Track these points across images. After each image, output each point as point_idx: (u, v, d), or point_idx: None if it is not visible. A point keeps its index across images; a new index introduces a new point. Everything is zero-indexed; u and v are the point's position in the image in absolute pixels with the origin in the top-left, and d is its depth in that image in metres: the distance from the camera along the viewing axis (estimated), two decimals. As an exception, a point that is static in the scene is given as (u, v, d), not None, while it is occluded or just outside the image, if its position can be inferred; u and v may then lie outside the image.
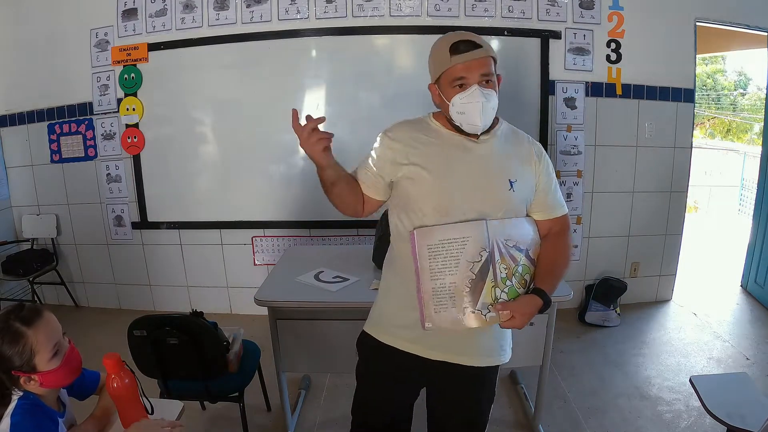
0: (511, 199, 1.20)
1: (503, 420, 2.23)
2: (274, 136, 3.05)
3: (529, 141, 1.30)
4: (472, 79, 1.14)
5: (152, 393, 1.42)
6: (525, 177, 1.23)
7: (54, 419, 1.09)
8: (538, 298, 1.17)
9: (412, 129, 1.26)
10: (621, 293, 3.15)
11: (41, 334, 1.04)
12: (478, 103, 1.14)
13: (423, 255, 1.15)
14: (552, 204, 1.28)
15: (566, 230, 1.30)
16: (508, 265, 1.17)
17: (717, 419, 1.51)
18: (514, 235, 1.20)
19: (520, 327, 1.16)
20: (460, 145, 1.22)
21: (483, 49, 1.15)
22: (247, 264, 3.26)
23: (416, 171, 1.21)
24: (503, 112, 1.27)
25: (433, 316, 1.16)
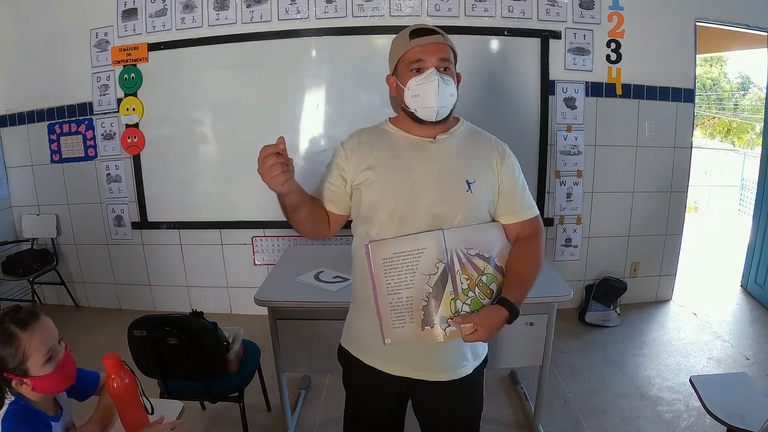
0: (469, 201, 1.16)
1: (503, 420, 2.23)
2: (274, 136, 3.00)
3: (492, 141, 1.25)
4: (430, 62, 1.12)
5: (152, 393, 1.42)
6: (485, 178, 1.18)
7: (47, 423, 1.08)
8: (502, 309, 1.11)
9: (367, 135, 1.25)
10: (621, 293, 3.15)
11: (35, 338, 1.02)
12: (433, 82, 1.10)
13: (378, 270, 1.11)
14: (520, 206, 1.23)
15: (537, 234, 1.25)
16: (470, 275, 1.12)
17: (717, 419, 1.51)
18: (477, 243, 1.14)
19: (484, 340, 1.11)
20: (416, 146, 1.19)
21: (442, 36, 1.14)
22: (247, 264, 3.26)
23: (370, 176, 1.18)
24: (503, 112, 1.28)
25: (393, 332, 1.12)
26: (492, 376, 2.53)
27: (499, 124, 3.00)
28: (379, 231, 1.17)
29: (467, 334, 1.10)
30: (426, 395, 1.29)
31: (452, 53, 1.17)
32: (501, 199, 1.21)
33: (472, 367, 1.26)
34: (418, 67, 1.13)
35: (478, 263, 1.13)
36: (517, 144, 3.33)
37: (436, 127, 1.18)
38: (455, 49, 1.18)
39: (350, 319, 1.34)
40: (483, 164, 1.20)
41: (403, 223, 1.15)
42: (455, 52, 1.18)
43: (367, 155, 1.20)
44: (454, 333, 1.11)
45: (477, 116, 3.08)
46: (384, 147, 1.20)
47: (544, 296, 1.86)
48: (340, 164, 1.23)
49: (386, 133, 1.24)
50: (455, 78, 1.16)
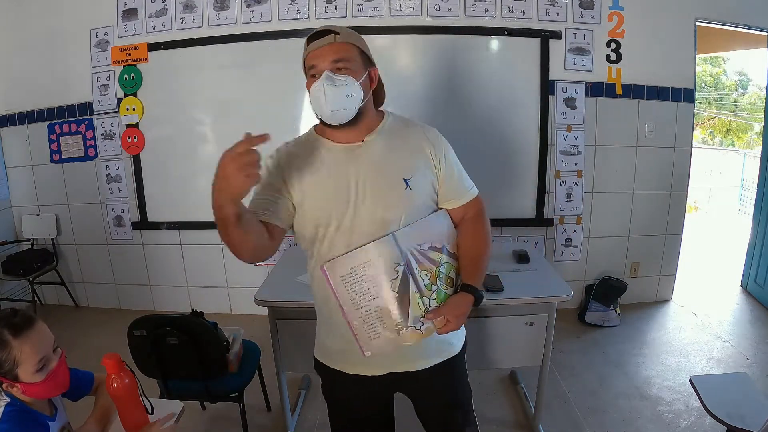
0: (410, 198, 1.14)
1: (503, 420, 2.23)
2: (274, 136, 3.03)
3: (421, 129, 1.22)
4: (322, 66, 1.09)
5: (152, 393, 1.42)
6: (421, 170, 1.17)
7: (44, 424, 1.08)
8: (467, 294, 1.15)
9: (296, 147, 1.21)
10: (621, 293, 3.15)
11: (27, 346, 1.01)
12: (324, 88, 1.07)
13: (340, 288, 1.10)
14: (460, 190, 1.23)
15: (481, 214, 1.26)
16: (429, 269, 1.13)
17: (717, 419, 1.51)
18: (427, 236, 1.15)
19: (457, 329, 1.14)
20: (346, 154, 1.15)
21: (337, 35, 1.09)
22: (247, 264, 3.25)
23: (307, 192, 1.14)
24: (503, 112, 1.27)
25: (370, 344, 1.13)
26: (492, 376, 2.53)
27: (499, 124, 3.02)
28: (330, 246, 1.14)
29: (440, 327, 1.12)
30: (416, 385, 1.28)
31: (355, 50, 1.11)
32: (442, 186, 1.21)
33: (456, 349, 1.28)
34: (313, 73, 1.11)
35: (433, 256, 1.15)
36: (517, 144, 3.36)
37: (356, 128, 1.14)
38: (361, 44, 1.13)
39: (320, 335, 1.31)
40: (417, 156, 1.18)
41: (352, 234, 1.13)
42: (362, 48, 1.13)
43: (299, 171, 1.16)
44: (428, 329, 1.14)
45: (476, 116, 3.09)
46: (314, 161, 1.16)
47: (544, 296, 1.87)
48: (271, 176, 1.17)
49: (314, 144, 1.19)
50: (358, 76, 1.10)
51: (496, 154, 2.99)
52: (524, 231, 3.14)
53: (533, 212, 3.11)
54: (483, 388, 2.42)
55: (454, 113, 2.94)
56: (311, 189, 1.15)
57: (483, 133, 2.96)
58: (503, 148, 3.00)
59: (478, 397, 2.33)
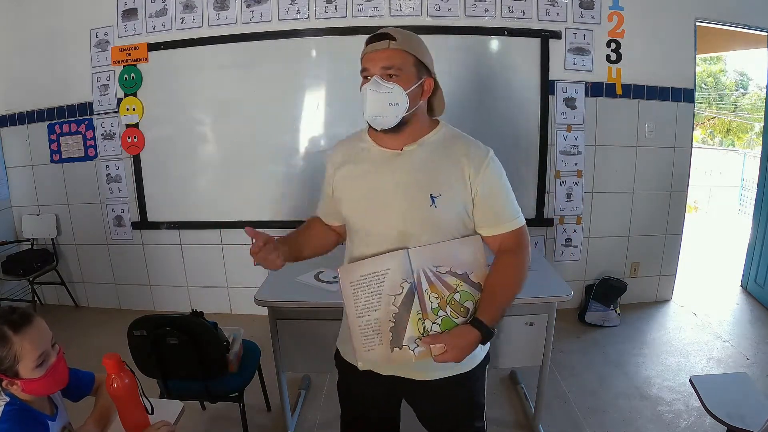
0: (434, 216, 1.11)
1: (503, 420, 2.23)
2: (274, 136, 3.05)
3: (468, 149, 1.16)
4: (373, 70, 1.08)
5: (152, 393, 1.42)
6: (453, 190, 1.12)
7: (44, 423, 1.08)
8: (474, 329, 1.07)
9: (345, 146, 1.25)
10: (621, 293, 3.15)
11: (27, 341, 1.01)
12: (367, 93, 1.08)
13: (347, 293, 1.10)
14: (499, 217, 1.16)
15: (520, 248, 1.17)
16: (440, 293, 1.09)
17: (717, 419, 1.51)
18: (447, 260, 1.10)
19: (456, 361, 1.08)
20: (384, 160, 1.15)
21: (393, 41, 1.07)
22: (247, 264, 3.23)
23: (343, 190, 1.21)
24: (503, 112, 1.27)
25: (363, 355, 1.11)
26: (492, 376, 2.52)
27: (500, 124, 3.02)
28: (353, 246, 1.21)
29: (437, 355, 1.07)
30: (420, 395, 1.28)
31: (410, 59, 1.09)
32: (477, 211, 1.15)
33: (469, 366, 1.22)
34: (365, 75, 1.11)
35: (450, 281, 1.10)
36: (517, 144, 3.36)
37: (400, 136, 1.14)
38: (418, 53, 1.11)
39: (343, 325, 1.33)
40: (452, 175, 1.13)
41: (369, 239, 1.15)
42: (417, 56, 1.10)
43: (342, 169, 1.22)
44: (422, 353, 1.09)
45: (476, 116, 3.09)
46: (356, 161, 1.20)
47: (544, 296, 1.87)
48: (328, 178, 1.27)
49: (361, 145, 1.21)
50: (408, 85, 1.08)
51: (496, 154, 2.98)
52: (524, 231, 3.14)
53: (533, 212, 3.11)
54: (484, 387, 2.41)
55: (454, 113, 2.93)
56: (345, 186, 1.21)
57: (483, 133, 2.92)
58: (503, 148, 2.96)
59: (478, 397, 2.33)
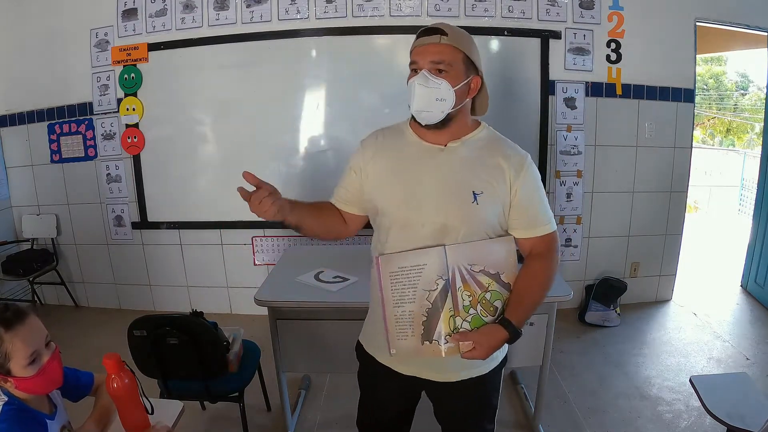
0: (474, 213, 1.12)
1: (503, 420, 2.22)
2: (274, 136, 3.05)
3: (508, 150, 1.18)
4: (423, 64, 1.09)
5: (152, 393, 1.42)
6: (494, 189, 1.13)
7: (42, 422, 1.08)
8: (502, 329, 1.10)
9: (385, 136, 1.24)
10: (621, 293, 3.15)
11: (18, 339, 1.01)
12: (415, 86, 1.08)
13: (386, 282, 1.12)
14: (533, 221, 1.18)
15: (551, 252, 1.19)
16: (473, 291, 1.11)
17: (717, 419, 1.51)
18: (482, 259, 1.12)
19: (482, 358, 1.10)
20: (426, 153, 1.16)
21: (444, 36, 1.08)
22: (247, 264, 3.26)
23: (379, 179, 1.19)
24: (503, 112, 1.27)
25: (397, 343, 1.14)
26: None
27: (500, 124, 2.99)
28: (387, 238, 1.18)
29: (465, 352, 1.10)
30: (439, 394, 1.30)
31: (460, 55, 1.09)
32: (513, 213, 1.17)
33: (488, 367, 1.24)
34: (414, 68, 1.12)
35: (483, 280, 1.12)
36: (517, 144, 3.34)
37: (444, 132, 1.14)
38: (468, 50, 1.11)
39: (367, 317, 1.36)
40: (494, 175, 1.14)
41: (407, 232, 1.14)
42: (467, 53, 1.11)
43: (380, 159, 1.20)
44: (452, 350, 1.11)
45: (477, 116, 3.06)
46: (396, 152, 1.19)
47: (544, 296, 1.87)
48: (357, 164, 1.24)
49: (403, 136, 1.21)
50: (456, 82, 1.09)
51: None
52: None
53: (533, 212, 3.11)
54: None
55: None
56: (382, 177, 1.19)
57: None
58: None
59: (478, 397, 2.33)
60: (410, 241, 1.14)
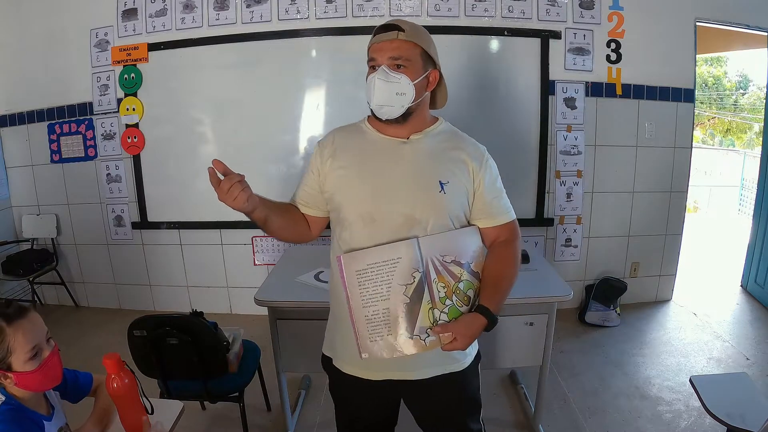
0: (442, 203, 1.13)
1: (503, 420, 2.23)
2: (274, 136, 3.05)
3: (470, 144, 1.22)
4: (381, 60, 1.10)
5: (152, 393, 1.42)
6: (459, 180, 1.15)
7: (39, 423, 1.08)
8: (481, 317, 1.10)
9: (343, 134, 1.24)
10: (621, 293, 3.15)
11: (20, 333, 1.02)
12: (375, 81, 1.09)
13: (352, 282, 1.08)
14: (496, 210, 1.20)
15: (514, 239, 1.23)
16: (447, 282, 1.10)
17: (717, 419, 1.51)
18: (452, 249, 1.12)
19: (463, 348, 1.11)
20: (389, 147, 1.17)
21: (401, 33, 1.09)
22: (247, 264, 3.26)
23: (341, 176, 1.18)
24: (503, 112, 1.27)
25: (369, 346, 1.09)
26: (492, 376, 2.53)
27: (500, 124, 3.02)
28: (351, 234, 1.16)
29: (446, 344, 1.09)
30: (415, 395, 1.28)
31: (417, 50, 1.11)
32: (477, 203, 1.19)
33: (463, 364, 1.24)
34: (372, 65, 1.13)
35: (455, 270, 1.12)
36: (517, 144, 3.36)
37: (405, 126, 1.15)
38: (425, 45, 1.12)
39: (328, 328, 1.33)
40: (458, 166, 1.17)
41: (374, 225, 1.13)
42: (424, 48, 1.12)
43: (340, 156, 1.19)
44: (433, 343, 1.10)
45: (477, 116, 3.10)
46: (357, 148, 1.19)
47: (544, 296, 1.87)
48: (315, 165, 1.23)
49: (362, 132, 1.22)
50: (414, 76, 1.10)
51: (496, 154, 2.95)
52: (524, 231, 3.08)
53: (533, 212, 3.11)
54: (483, 388, 2.40)
55: (454, 113, 2.93)
56: (343, 173, 1.18)
57: (483, 133, 2.93)
58: (503, 148, 2.99)
59: (478, 397, 2.33)
60: (376, 236, 1.13)
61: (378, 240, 1.12)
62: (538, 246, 3.13)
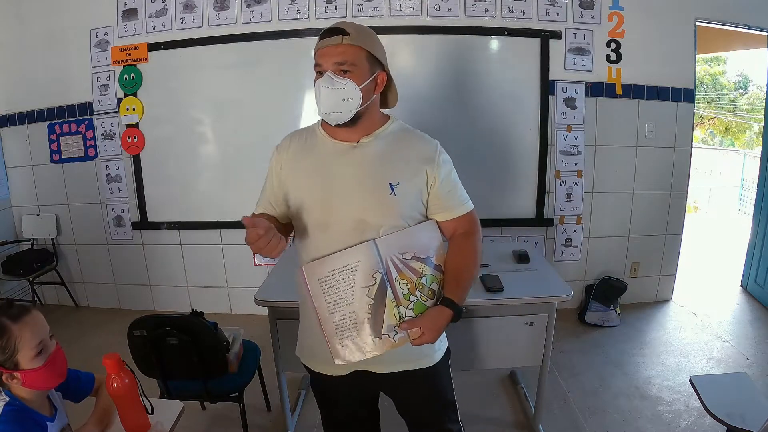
0: (393, 204, 1.13)
1: (503, 420, 2.23)
2: (274, 136, 3.01)
3: (420, 140, 1.21)
4: (327, 65, 1.10)
5: (152, 393, 1.42)
6: (411, 179, 1.15)
7: (42, 424, 1.08)
8: (447, 309, 1.13)
9: (298, 139, 1.24)
10: (621, 293, 3.15)
11: (26, 330, 1.03)
12: (321, 89, 1.09)
13: (316, 291, 1.11)
14: (452, 203, 1.21)
15: (473, 230, 1.23)
16: (409, 279, 1.12)
17: (717, 419, 1.51)
18: (411, 246, 1.13)
19: (432, 341, 1.13)
20: (339, 152, 1.17)
21: (346, 37, 1.08)
22: (247, 264, 3.26)
23: (295, 183, 1.19)
24: (503, 112, 1.27)
25: (340, 351, 1.12)
26: (492, 376, 2.53)
27: (500, 124, 3.02)
28: (309, 242, 1.18)
29: (415, 338, 1.11)
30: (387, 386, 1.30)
31: (363, 53, 1.10)
32: (433, 199, 1.19)
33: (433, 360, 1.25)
34: (319, 70, 1.12)
35: (416, 266, 1.14)
36: (517, 144, 3.36)
37: (355, 129, 1.15)
38: (371, 47, 1.11)
39: (300, 334, 1.33)
40: (409, 165, 1.16)
41: (328, 230, 1.15)
42: (370, 51, 1.11)
43: (294, 162, 1.21)
44: (402, 339, 1.13)
45: (476, 116, 3.09)
46: (309, 154, 1.20)
47: (544, 296, 1.87)
48: (273, 169, 1.25)
49: (315, 137, 1.22)
50: (361, 81, 1.10)
51: (496, 154, 2.99)
52: (524, 231, 3.14)
53: (533, 212, 3.11)
54: (483, 388, 2.42)
55: (454, 113, 2.94)
56: (298, 179, 1.19)
57: (483, 133, 2.96)
58: (503, 148, 3.00)
59: (478, 397, 2.34)
60: (331, 241, 1.14)
61: (334, 246, 1.13)
62: (538, 246, 3.13)
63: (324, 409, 1.40)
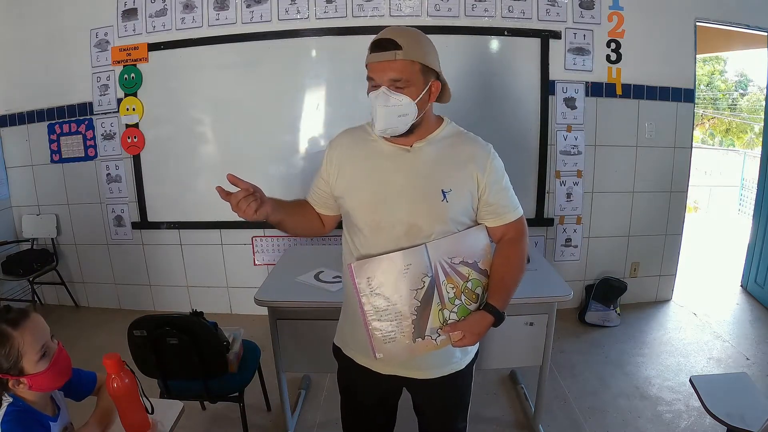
0: (445, 211, 1.14)
1: (503, 420, 2.23)
2: (274, 136, 3.05)
3: (475, 145, 1.20)
4: (381, 81, 1.09)
5: (152, 393, 1.42)
6: (462, 185, 1.15)
7: (45, 424, 1.08)
8: (488, 315, 1.14)
9: (351, 138, 1.24)
10: (621, 293, 3.15)
11: (28, 335, 1.02)
12: (376, 107, 1.09)
13: (364, 289, 1.12)
14: (503, 209, 1.21)
15: (521, 237, 1.24)
16: (456, 283, 1.14)
17: (717, 419, 1.51)
18: (460, 251, 1.15)
19: (472, 344, 1.16)
20: (393, 155, 1.17)
21: (399, 51, 1.06)
22: (247, 264, 3.26)
23: (347, 185, 1.20)
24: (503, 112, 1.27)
25: (383, 347, 1.14)
26: (492, 376, 2.53)
27: (500, 124, 3.02)
28: (361, 240, 1.19)
29: (455, 341, 1.14)
30: (418, 391, 1.33)
31: (417, 67, 1.08)
32: (483, 205, 1.19)
33: (464, 363, 1.28)
34: (373, 84, 1.12)
35: (463, 270, 1.15)
36: (517, 144, 3.36)
37: (410, 136, 1.15)
38: (424, 59, 1.09)
39: (341, 322, 1.37)
40: (461, 171, 1.16)
41: (379, 232, 1.16)
42: (424, 62, 1.09)
43: (346, 162, 1.21)
44: (443, 342, 1.15)
45: (477, 116, 3.09)
46: (362, 155, 1.20)
47: (544, 296, 1.87)
48: (325, 167, 1.25)
49: (368, 137, 1.21)
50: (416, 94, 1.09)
51: (496, 154, 2.99)
52: (524, 231, 3.14)
53: (533, 212, 3.11)
54: (483, 388, 2.42)
55: (454, 113, 2.93)
56: (352, 181, 1.20)
57: (483, 133, 2.94)
58: (503, 148, 2.97)
59: (478, 397, 2.34)
60: (383, 243, 1.15)
61: (385, 247, 1.14)
62: (538, 246, 3.13)
63: (348, 398, 1.41)
